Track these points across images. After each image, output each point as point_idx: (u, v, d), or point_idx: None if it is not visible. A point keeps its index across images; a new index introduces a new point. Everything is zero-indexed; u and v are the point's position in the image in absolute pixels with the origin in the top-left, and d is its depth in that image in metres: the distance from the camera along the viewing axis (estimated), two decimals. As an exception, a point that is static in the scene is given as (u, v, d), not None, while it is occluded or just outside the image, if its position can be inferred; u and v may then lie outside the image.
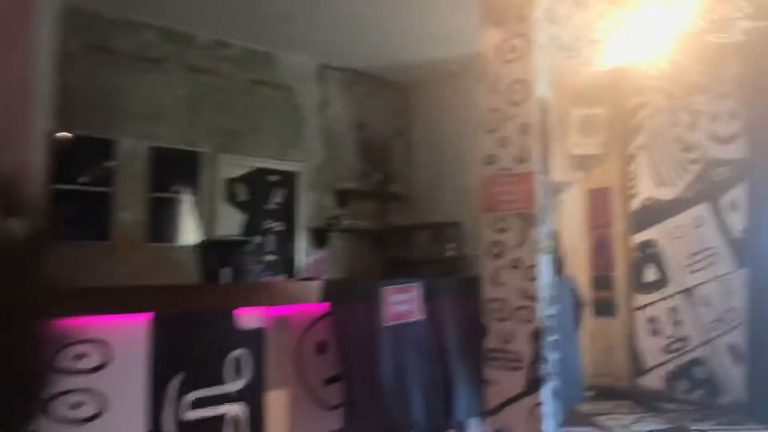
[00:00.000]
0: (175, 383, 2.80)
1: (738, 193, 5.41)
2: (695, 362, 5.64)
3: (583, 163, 6.61)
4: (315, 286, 3.52)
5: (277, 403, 3.31)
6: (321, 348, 3.57)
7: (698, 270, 5.69)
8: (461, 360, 3.92)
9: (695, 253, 5.73)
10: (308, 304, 3.50)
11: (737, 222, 5.41)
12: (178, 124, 5.51)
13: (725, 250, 5.50)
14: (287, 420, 3.36)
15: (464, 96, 6.10)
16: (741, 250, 5.37)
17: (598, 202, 6.57)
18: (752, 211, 5.24)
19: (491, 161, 3.55)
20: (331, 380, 3.55)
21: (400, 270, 6.13)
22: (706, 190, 5.68)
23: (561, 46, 4.38)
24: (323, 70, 6.06)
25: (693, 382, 5.65)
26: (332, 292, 3.49)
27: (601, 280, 6.47)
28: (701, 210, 5.70)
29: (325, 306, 3.46)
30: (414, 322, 3.77)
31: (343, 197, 5.97)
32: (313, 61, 6.13)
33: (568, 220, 6.75)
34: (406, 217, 6.34)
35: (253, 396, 3.07)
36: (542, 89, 3.51)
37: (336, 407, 3.52)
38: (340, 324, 3.46)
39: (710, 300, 5.57)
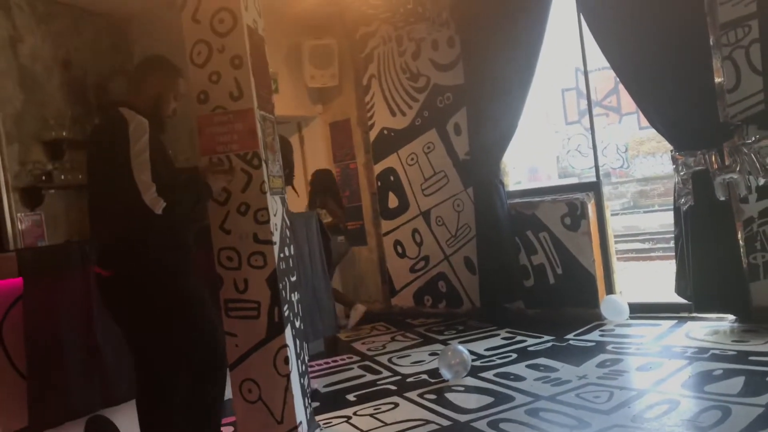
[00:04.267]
0: None
1: (460, 118, 5.78)
2: (437, 277, 6.08)
3: (321, 95, 6.56)
4: (7, 259, 2.98)
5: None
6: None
7: (432, 193, 6.05)
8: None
9: (428, 178, 6.07)
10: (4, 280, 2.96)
11: (461, 145, 5.80)
12: None
13: (453, 172, 5.89)
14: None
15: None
16: (465, 171, 5.79)
17: (340, 134, 6.61)
18: (471, 134, 5.64)
19: (204, 99, 3.23)
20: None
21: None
22: (432, 116, 5.98)
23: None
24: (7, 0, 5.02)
25: (437, 296, 6.11)
26: (27, 263, 3.00)
27: (350, 211, 6.61)
28: (430, 136, 6.02)
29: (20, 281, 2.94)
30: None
31: (56, 149, 5.15)
32: (-8, -10, 5.07)
33: (314, 155, 6.74)
34: (138, 165, 5.69)
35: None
36: (251, 18, 3.23)
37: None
38: (35, 300, 2.94)
39: (445, 219, 5.98)
